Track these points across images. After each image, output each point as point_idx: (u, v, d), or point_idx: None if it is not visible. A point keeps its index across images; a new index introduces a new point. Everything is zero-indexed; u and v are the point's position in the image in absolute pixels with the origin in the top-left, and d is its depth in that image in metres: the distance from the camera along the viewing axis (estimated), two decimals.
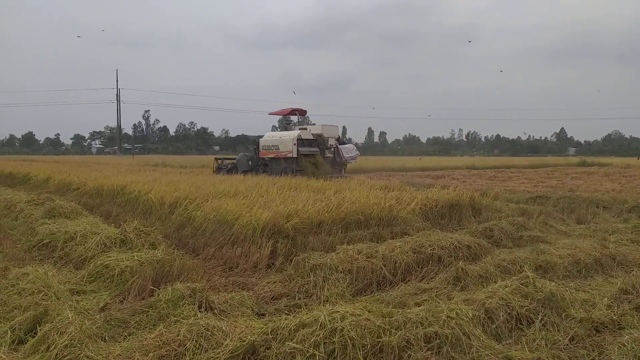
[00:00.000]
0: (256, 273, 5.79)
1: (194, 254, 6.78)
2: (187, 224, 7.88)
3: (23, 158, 53.90)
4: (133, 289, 4.82)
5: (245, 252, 6.19)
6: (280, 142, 17.11)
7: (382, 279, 5.22)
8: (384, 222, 7.63)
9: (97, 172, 17.57)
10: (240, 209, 7.31)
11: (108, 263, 5.37)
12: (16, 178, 19.31)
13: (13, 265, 5.85)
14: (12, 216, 9.73)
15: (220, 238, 6.80)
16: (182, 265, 5.43)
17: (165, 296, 4.10)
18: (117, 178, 13.43)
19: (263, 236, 6.39)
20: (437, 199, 9.41)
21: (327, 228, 6.92)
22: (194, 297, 4.13)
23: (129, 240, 6.15)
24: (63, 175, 16.00)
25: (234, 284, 5.37)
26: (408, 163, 36.98)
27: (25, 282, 4.68)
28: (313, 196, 8.65)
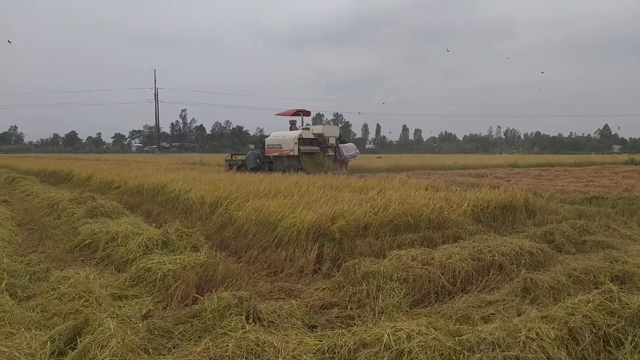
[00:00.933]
0: (302, 278, 5.47)
1: (236, 257, 6.54)
2: (228, 224, 7.65)
3: (66, 156, 55.66)
4: (176, 295, 4.59)
5: (290, 255, 5.88)
6: (283, 141, 18.04)
7: (440, 288, 4.81)
8: (434, 225, 7.18)
9: (137, 170, 17.72)
10: (283, 209, 7.01)
11: (150, 266, 5.16)
12: (59, 176, 19.72)
13: (55, 267, 5.76)
14: (54, 215, 9.77)
15: (263, 240, 6.52)
16: (226, 269, 5.17)
17: (210, 305, 3.83)
18: (156, 176, 13.42)
19: (308, 239, 6.07)
20: (488, 200, 8.88)
21: (375, 231, 6.54)
22: (241, 306, 3.84)
23: (171, 242, 5.95)
24: (104, 174, 16.18)
25: (280, 290, 5.07)
26: (447, 161, 36.09)
27: (66, 286, 4.51)
28: (356, 196, 8.28)
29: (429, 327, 3.23)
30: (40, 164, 28.08)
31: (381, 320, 4.04)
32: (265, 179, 11.77)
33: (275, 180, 11.63)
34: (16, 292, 4.70)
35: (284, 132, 19.24)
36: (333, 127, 19.23)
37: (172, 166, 23.54)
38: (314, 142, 18.04)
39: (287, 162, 17.90)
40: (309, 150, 17.69)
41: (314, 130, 18.43)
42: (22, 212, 10.47)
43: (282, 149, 18.04)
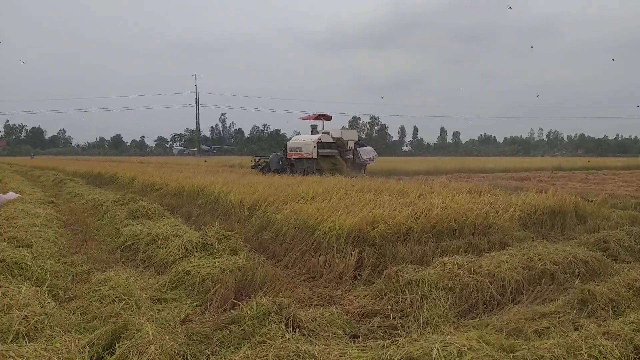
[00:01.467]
0: (342, 285, 5.32)
1: (274, 260, 6.45)
2: (266, 227, 7.58)
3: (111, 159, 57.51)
4: (215, 299, 4.52)
5: (329, 260, 5.74)
6: (303, 145, 18.88)
7: (488, 298, 4.55)
8: (479, 231, 6.89)
9: (178, 172, 18.02)
10: (322, 213, 6.88)
11: (189, 269, 5.13)
12: (104, 178, 20.28)
13: (96, 268, 5.82)
14: (98, 216, 9.98)
15: (302, 244, 6.41)
16: (264, 274, 5.07)
17: (249, 312, 3.72)
18: (197, 179, 13.57)
19: (348, 244, 5.91)
20: (535, 205, 8.48)
21: (417, 236, 6.31)
22: (281, 313, 3.72)
23: (210, 244, 5.92)
24: (147, 176, 16.51)
25: (319, 297, 4.93)
26: (488, 164, 35.14)
27: (106, 288, 4.51)
28: (396, 200, 8.06)
29: (481, 342, 3.02)
30: (86, 166, 29.04)
31: (426, 331, 3.84)
32: (303, 182, 11.69)
33: (312, 183, 11.53)
34: (58, 294, 4.75)
35: (305, 136, 20.09)
36: (352, 132, 19.83)
37: (211, 169, 23.84)
38: (332, 145, 18.70)
39: (307, 164, 18.51)
40: (327, 154, 18.33)
41: (333, 134, 19.08)
42: (68, 213, 10.75)
43: (302, 152, 18.80)
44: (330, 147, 18.62)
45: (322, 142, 18.45)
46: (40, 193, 14.33)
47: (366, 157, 19.03)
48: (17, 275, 4.77)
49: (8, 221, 8.12)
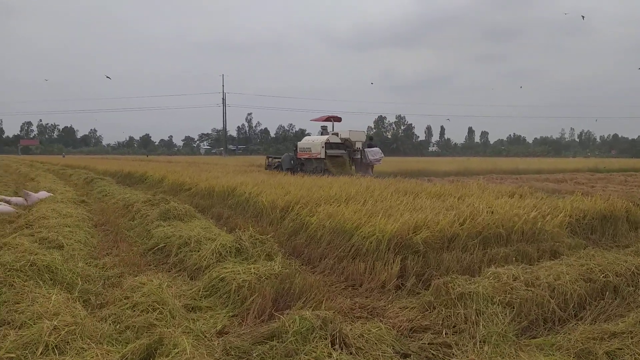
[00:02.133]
0: (384, 295, 4.99)
1: (310, 266, 6.17)
2: (300, 230, 7.31)
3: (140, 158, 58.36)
4: (252, 309, 4.26)
5: (369, 268, 5.42)
6: (312, 145, 19.57)
7: (549, 314, 4.16)
8: (527, 237, 6.47)
9: (207, 172, 17.94)
10: (359, 217, 6.56)
11: (224, 276, 4.88)
12: (134, 177, 20.38)
13: (128, 272, 5.64)
14: (129, 216, 9.88)
15: (339, 249, 6.10)
16: (303, 282, 4.79)
17: (292, 326, 3.43)
18: (226, 179, 13.42)
19: (389, 251, 5.58)
20: (584, 210, 7.98)
21: (462, 243, 5.93)
22: (326, 329, 3.42)
23: (245, 249, 5.66)
24: (176, 176, 16.47)
25: (361, 308, 4.62)
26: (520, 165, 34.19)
27: (139, 295, 4.30)
28: (437, 204, 7.67)
29: None
30: (116, 165, 29.38)
31: (485, 351, 3.50)
32: (335, 183, 11.39)
33: (344, 184, 11.22)
34: (89, 299, 4.56)
35: (314, 136, 21.03)
36: (360, 133, 20.24)
37: (239, 168, 23.76)
38: (340, 146, 19.37)
39: (315, 164, 19.19)
40: (334, 154, 19.02)
41: (341, 135, 19.71)
42: (99, 213, 10.71)
43: (311, 152, 19.48)
44: (338, 148, 19.27)
45: (330, 142, 19.13)
46: (72, 192, 14.40)
47: (373, 157, 19.58)
48: (48, 280, 4.60)
49: (40, 221, 8.06)
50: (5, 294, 4.07)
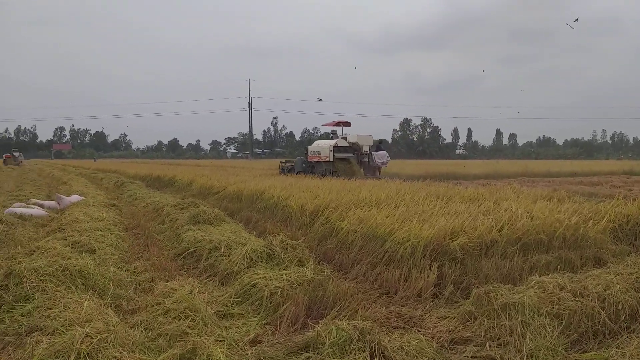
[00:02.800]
0: (421, 304, 4.79)
1: (341, 272, 6.01)
2: (330, 235, 7.16)
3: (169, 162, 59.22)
4: (285, 317, 4.13)
5: (404, 275, 5.23)
6: (321, 149, 20.65)
7: (600, 327, 3.90)
8: (568, 244, 6.17)
9: (234, 176, 17.99)
10: (392, 221, 6.38)
11: (256, 282, 4.78)
12: (163, 181, 20.61)
13: (159, 277, 5.59)
14: (159, 220, 9.92)
15: (372, 255, 5.93)
16: (336, 289, 4.64)
17: (328, 337, 3.29)
18: (254, 182, 13.39)
19: (425, 257, 5.38)
20: (627, 214, 7.60)
21: (501, 250, 5.68)
22: (364, 341, 3.27)
23: (276, 254, 5.55)
24: (204, 179, 16.54)
25: (398, 317, 4.44)
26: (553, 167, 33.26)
27: (170, 301, 4.22)
28: (473, 209, 7.42)
29: None
30: (146, 169, 29.83)
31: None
32: (364, 187, 11.21)
33: (374, 187, 11.03)
34: (121, 304, 4.51)
35: (323, 141, 22.29)
36: (367, 137, 21.09)
37: (266, 172, 23.80)
38: (348, 149, 20.32)
39: (325, 166, 20.12)
40: (342, 157, 19.97)
41: (350, 139, 20.68)
42: (129, 216, 10.80)
43: (320, 155, 20.49)
44: (346, 151, 20.23)
45: (338, 146, 20.11)
46: (103, 196, 14.61)
47: (380, 160, 20.59)
48: (80, 285, 4.57)
49: (72, 225, 8.13)
50: (38, 299, 4.05)
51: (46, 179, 26.24)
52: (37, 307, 3.91)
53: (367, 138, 20.97)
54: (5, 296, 4.14)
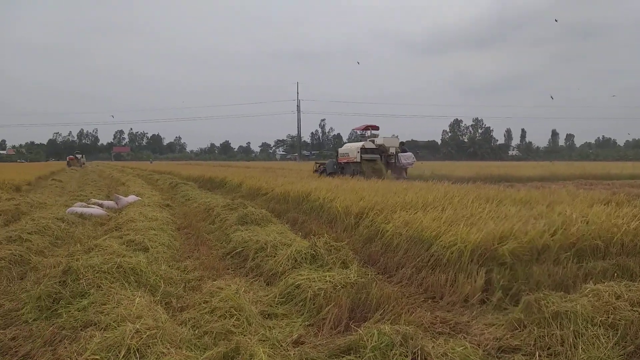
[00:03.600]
0: (467, 309, 4.68)
1: (386, 275, 5.96)
2: (375, 238, 7.12)
3: (220, 164, 60.76)
4: (328, 319, 4.15)
5: (450, 279, 5.12)
6: (350, 151, 22.12)
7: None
8: (627, 250, 5.83)
9: (282, 177, 18.21)
10: (439, 225, 6.27)
11: (300, 283, 4.83)
12: (215, 182, 21.16)
13: (207, 276, 5.75)
14: (209, 220, 10.20)
15: (417, 259, 5.85)
16: (380, 292, 4.61)
17: (370, 341, 3.27)
18: (301, 184, 13.51)
19: (472, 262, 5.25)
20: None
21: (553, 256, 5.46)
22: (406, 346, 3.23)
23: (320, 256, 5.58)
24: (253, 181, 16.85)
25: (443, 323, 4.34)
26: (613, 169, 31.53)
27: (217, 300, 4.33)
28: (524, 212, 7.15)
29: None
30: (199, 170, 30.74)
31: None
32: (410, 189, 11.06)
33: (421, 190, 10.86)
34: (171, 302, 4.68)
35: (352, 143, 23.59)
36: (393, 139, 22.61)
37: (312, 173, 23.95)
38: (375, 151, 21.55)
39: (353, 167, 21.19)
40: (369, 158, 21.17)
41: (377, 141, 22.03)
42: (181, 216, 11.17)
43: (349, 157, 21.89)
44: (372, 153, 21.45)
45: (365, 148, 21.39)
46: (158, 196, 15.19)
47: (405, 161, 21.76)
48: (133, 282, 4.78)
49: (128, 224, 8.50)
50: (93, 295, 4.27)
51: (106, 180, 27.58)
52: (92, 303, 4.12)
53: (393, 140, 22.40)
54: (63, 292, 4.39)
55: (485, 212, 7.14)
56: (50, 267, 5.67)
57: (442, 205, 8.27)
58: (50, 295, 4.40)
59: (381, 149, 21.73)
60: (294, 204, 11.30)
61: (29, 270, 6.00)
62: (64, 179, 26.36)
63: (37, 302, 4.37)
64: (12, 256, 6.17)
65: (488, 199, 9.04)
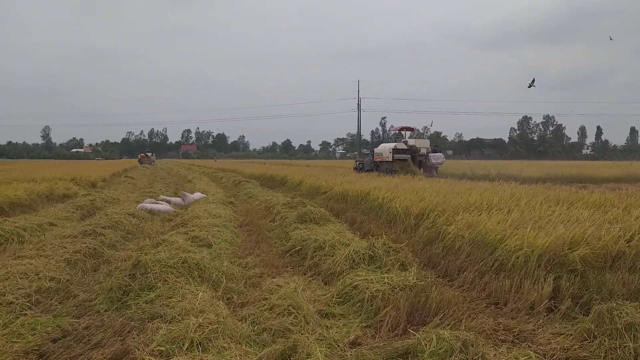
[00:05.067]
0: (533, 317, 4.47)
1: (446, 279, 5.81)
2: (435, 240, 6.96)
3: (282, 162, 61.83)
4: (385, 321, 4.10)
5: (515, 286, 4.91)
6: (383, 151, 24.15)
7: None
8: None
9: (341, 176, 18.24)
10: (504, 228, 6.03)
11: (357, 283, 4.81)
12: (276, 180, 21.56)
13: (267, 273, 5.86)
14: (270, 218, 10.40)
15: (480, 263, 5.66)
16: (440, 296, 4.50)
17: (428, 346, 3.21)
18: (360, 183, 13.46)
19: (539, 268, 5.01)
20: None
21: (629, 263, 5.09)
22: (466, 352, 3.13)
23: (378, 257, 5.54)
24: (312, 180, 17.00)
25: (506, 330, 4.17)
26: None
27: (276, 297, 4.42)
28: (598, 216, 6.72)
29: None
30: (260, 169, 31.44)
31: None
32: (474, 190, 10.72)
33: (485, 191, 10.50)
34: (232, 298, 4.81)
35: (386, 144, 25.46)
36: (424, 140, 24.71)
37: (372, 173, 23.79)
38: (406, 151, 23.33)
39: (386, 165, 23.32)
40: (400, 157, 23.00)
41: (408, 142, 23.91)
42: (243, 214, 11.47)
43: (382, 156, 23.94)
44: (404, 153, 23.21)
45: (397, 148, 23.21)
46: (222, 194, 15.68)
47: (435, 161, 23.18)
48: (197, 277, 4.96)
49: (193, 220, 8.84)
50: (159, 289, 4.48)
51: (174, 177, 28.85)
52: (159, 296, 4.32)
53: (424, 141, 24.46)
54: (132, 284, 4.63)
55: (554, 215, 6.79)
56: (121, 261, 6.02)
57: (508, 207, 7.95)
58: (121, 288, 4.65)
59: (412, 150, 23.50)
60: (353, 204, 11.28)
61: (102, 262, 6.40)
62: (135, 176, 27.83)
63: (108, 294, 4.64)
64: (87, 249, 6.58)
65: (558, 201, 8.59)
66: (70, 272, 5.66)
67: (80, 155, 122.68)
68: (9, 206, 10.75)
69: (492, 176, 21.65)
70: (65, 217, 10.00)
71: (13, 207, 10.85)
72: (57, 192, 14.11)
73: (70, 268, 5.78)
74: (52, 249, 6.39)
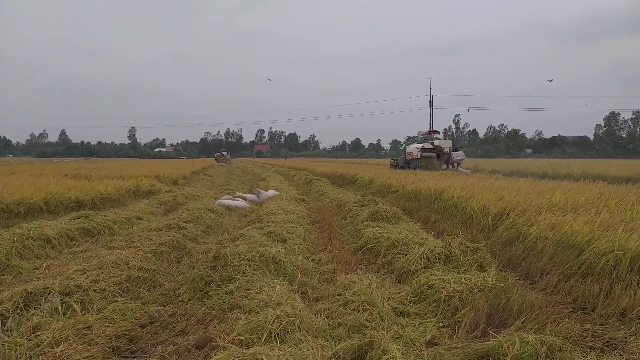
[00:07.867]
0: (625, 324, 4.15)
1: (528, 281, 5.54)
2: (516, 241, 6.66)
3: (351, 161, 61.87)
4: (464, 322, 3.99)
5: (605, 290, 4.59)
6: (413, 150, 29.24)
7: None
8: None
9: (413, 175, 17.97)
10: (592, 229, 5.66)
11: (433, 283, 4.72)
12: (346, 179, 21.62)
13: (340, 269, 5.90)
14: (341, 215, 10.46)
15: (565, 265, 5.34)
16: (521, 299, 4.31)
17: (511, 350, 3.08)
18: (433, 182, 13.18)
19: (632, 272, 4.65)
20: None
21: None
22: (552, 358, 2.99)
23: (454, 257, 5.40)
24: (383, 178, 16.88)
25: (595, 337, 3.91)
26: None
27: (350, 293, 4.43)
28: None
29: None
30: (331, 167, 31.70)
31: None
32: (557, 190, 10.13)
33: (570, 191, 9.89)
34: (306, 292, 4.89)
35: (415, 144, 30.45)
36: (447, 141, 30.25)
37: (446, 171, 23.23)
38: (432, 150, 28.52)
39: (415, 163, 28.09)
40: (427, 156, 28.12)
41: (434, 143, 29.09)
42: (315, 211, 11.61)
43: (412, 155, 28.95)
44: (430, 151, 28.37)
45: (424, 148, 28.54)
46: (294, 191, 15.97)
47: (457, 158, 28.85)
48: (273, 270, 5.09)
49: (268, 216, 9.08)
50: (238, 281, 4.64)
51: (248, 175, 29.78)
52: (238, 287, 4.49)
53: (447, 142, 29.90)
54: (213, 276, 4.84)
55: None
56: (203, 253, 6.31)
57: (596, 208, 7.45)
58: (203, 278, 4.88)
59: (438, 149, 28.66)
60: (426, 202, 11.06)
61: (185, 254, 6.74)
62: (213, 174, 29.03)
63: (191, 284, 4.88)
64: (171, 242, 6.96)
65: None
66: (156, 262, 6.01)
67: (162, 154, 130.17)
68: (101, 201, 11.62)
69: (576, 175, 20.37)
70: (151, 211, 10.63)
71: (104, 202, 11.72)
72: (143, 188, 15.03)
73: (156, 259, 6.15)
74: (139, 240, 6.83)
